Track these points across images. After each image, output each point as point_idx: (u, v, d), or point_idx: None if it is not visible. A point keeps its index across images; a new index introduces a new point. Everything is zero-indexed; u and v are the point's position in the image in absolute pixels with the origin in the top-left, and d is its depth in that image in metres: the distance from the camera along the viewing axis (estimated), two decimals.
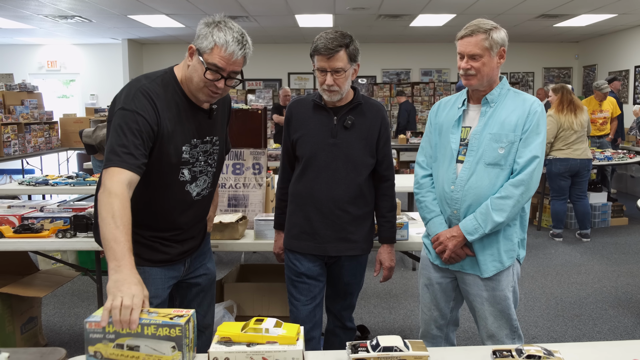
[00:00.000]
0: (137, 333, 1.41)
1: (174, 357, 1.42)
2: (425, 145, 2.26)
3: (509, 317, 2.12)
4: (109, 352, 1.43)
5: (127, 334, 1.42)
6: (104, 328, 1.41)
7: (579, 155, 5.51)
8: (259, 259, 5.22)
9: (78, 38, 11.04)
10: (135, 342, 1.42)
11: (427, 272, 2.26)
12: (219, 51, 1.71)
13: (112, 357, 1.43)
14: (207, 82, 1.75)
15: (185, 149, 1.85)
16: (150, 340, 1.42)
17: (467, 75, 2.04)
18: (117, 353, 1.43)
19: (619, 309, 3.99)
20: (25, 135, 7.06)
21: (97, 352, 1.43)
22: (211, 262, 2.19)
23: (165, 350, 1.42)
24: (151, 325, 1.41)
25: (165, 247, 1.95)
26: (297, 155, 2.28)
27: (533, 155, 2.00)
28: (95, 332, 1.43)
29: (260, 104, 3.70)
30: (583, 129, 5.53)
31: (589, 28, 9.71)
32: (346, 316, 2.47)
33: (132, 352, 1.42)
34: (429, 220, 2.19)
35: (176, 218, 1.93)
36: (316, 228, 2.24)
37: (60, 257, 4.43)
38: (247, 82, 11.77)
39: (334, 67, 2.10)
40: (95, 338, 1.43)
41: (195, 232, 2.05)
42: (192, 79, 1.78)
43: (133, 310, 1.40)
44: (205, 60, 1.72)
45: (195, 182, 1.92)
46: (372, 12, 8.25)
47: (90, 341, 1.43)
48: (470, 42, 2.01)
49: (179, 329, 1.41)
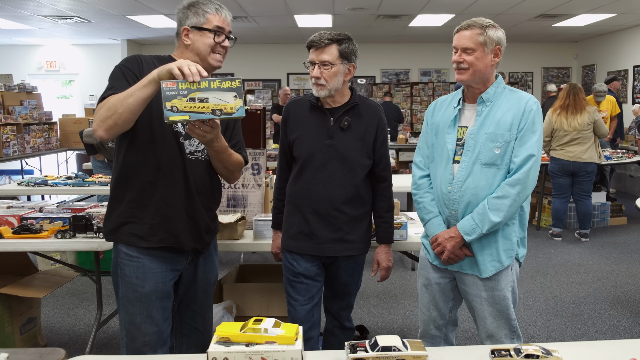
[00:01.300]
0: (205, 88, 1.66)
1: (236, 104, 1.68)
2: (422, 146, 2.26)
3: (508, 317, 2.12)
4: (184, 105, 1.66)
5: (197, 89, 1.66)
6: (178, 86, 1.65)
7: (571, 157, 5.49)
8: (258, 259, 5.23)
9: (77, 38, 11.04)
10: (204, 95, 1.66)
11: (425, 273, 2.26)
12: (215, 17, 1.96)
13: (187, 109, 1.66)
14: (214, 45, 1.96)
15: None
16: (216, 92, 1.67)
17: (460, 69, 2.04)
18: (191, 105, 1.66)
19: (618, 308, 4.00)
20: (24, 135, 7.06)
21: (173, 106, 1.65)
22: (215, 265, 2.18)
23: (229, 99, 1.68)
24: (216, 80, 1.67)
25: (167, 223, 1.93)
26: (294, 155, 2.29)
27: (529, 154, 1.99)
28: (170, 90, 1.66)
29: (260, 105, 3.71)
30: (577, 130, 5.44)
31: (588, 28, 9.71)
32: (344, 316, 2.47)
33: (202, 104, 1.66)
34: (427, 221, 2.19)
35: (174, 173, 1.92)
36: (313, 229, 2.25)
37: (59, 258, 4.43)
38: (246, 83, 11.78)
39: (321, 59, 2.14)
40: (171, 95, 1.65)
41: (197, 208, 1.99)
42: (199, 51, 1.96)
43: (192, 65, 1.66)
44: (209, 28, 1.95)
45: (189, 140, 1.97)
46: (371, 13, 8.26)
47: (167, 98, 1.65)
48: (465, 35, 2.02)
49: (239, 80, 1.68)
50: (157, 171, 1.91)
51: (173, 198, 1.94)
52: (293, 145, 2.27)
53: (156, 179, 1.91)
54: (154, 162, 1.91)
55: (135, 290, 1.95)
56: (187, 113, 1.66)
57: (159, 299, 1.96)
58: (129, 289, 1.96)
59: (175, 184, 1.93)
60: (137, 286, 1.95)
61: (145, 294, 1.94)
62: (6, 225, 2.75)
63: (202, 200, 2.02)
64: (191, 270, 2.09)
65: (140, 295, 1.94)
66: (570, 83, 5.69)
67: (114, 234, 1.97)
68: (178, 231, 1.96)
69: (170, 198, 1.93)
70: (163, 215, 1.93)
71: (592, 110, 5.52)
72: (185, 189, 1.95)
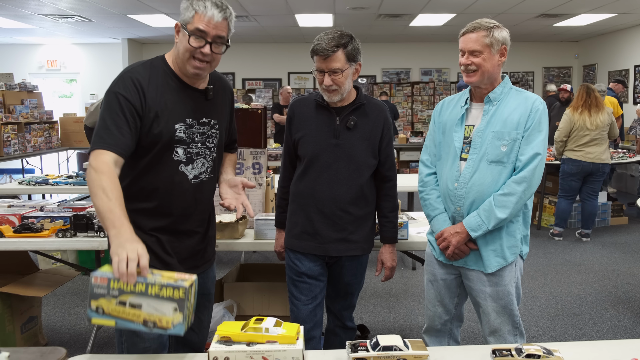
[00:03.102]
0: (140, 292, 1.41)
1: (174, 318, 1.41)
2: (429, 144, 2.28)
3: (512, 313, 2.14)
4: (111, 308, 1.42)
5: (130, 292, 1.41)
6: (109, 284, 1.41)
7: (592, 159, 5.44)
8: (259, 258, 5.23)
9: (78, 37, 11.04)
10: (138, 301, 1.41)
11: (431, 269, 2.28)
12: (200, 17, 1.74)
13: (114, 314, 1.42)
14: (193, 50, 1.76)
15: (179, 127, 1.83)
16: (153, 300, 1.41)
17: (468, 71, 2.07)
18: (119, 310, 1.42)
19: (619, 308, 4.00)
20: (25, 134, 7.06)
21: (99, 307, 1.42)
22: (212, 267, 2.17)
23: (167, 311, 1.41)
24: (155, 285, 1.41)
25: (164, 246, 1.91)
26: (299, 154, 2.28)
27: (535, 153, 2.02)
28: (99, 287, 1.42)
29: (260, 104, 3.71)
30: (599, 129, 5.41)
31: (589, 27, 9.71)
32: (346, 316, 2.47)
33: (133, 310, 1.42)
34: (433, 217, 2.22)
35: (173, 201, 1.87)
36: (317, 228, 2.24)
37: (60, 257, 4.43)
38: (247, 82, 11.78)
39: (331, 68, 2.11)
40: (99, 293, 1.42)
41: (196, 224, 1.97)
42: (179, 53, 1.80)
43: (140, 261, 1.43)
44: (188, 30, 1.76)
45: (191, 164, 1.88)
46: (372, 12, 8.25)
47: (94, 296, 1.43)
48: (472, 38, 2.04)
49: (183, 290, 1.41)
50: (158, 192, 1.87)
51: (171, 212, 1.90)
52: (298, 144, 2.26)
53: (158, 200, 1.87)
54: (156, 183, 1.85)
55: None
56: (113, 318, 1.43)
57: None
58: None
59: (177, 202, 1.89)
60: None
61: None
62: (7, 224, 2.75)
63: (202, 216, 1.99)
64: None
65: None
66: (583, 84, 5.67)
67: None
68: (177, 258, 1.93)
69: (169, 212, 1.89)
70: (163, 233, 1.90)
71: (610, 111, 5.56)
72: (186, 207, 1.91)
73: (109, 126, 1.71)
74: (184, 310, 1.42)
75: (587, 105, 5.45)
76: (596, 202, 5.79)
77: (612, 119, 5.52)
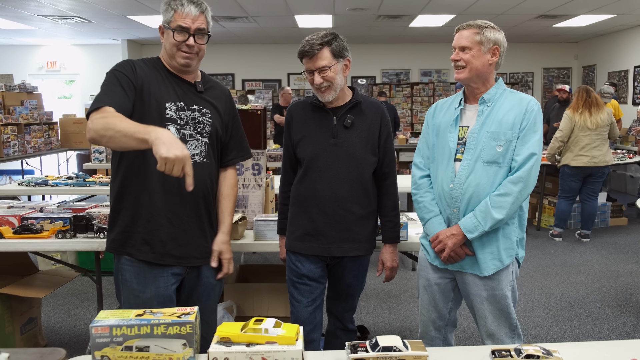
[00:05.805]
0: (146, 334, 1.41)
1: (184, 354, 1.42)
2: (422, 147, 2.28)
3: (509, 316, 2.13)
4: (117, 355, 1.41)
5: (135, 336, 1.41)
6: (111, 331, 1.40)
7: (597, 162, 5.45)
8: (258, 259, 5.22)
9: (78, 39, 11.04)
10: (144, 343, 1.41)
11: (425, 273, 2.26)
12: (179, 15, 1.92)
13: None
14: (178, 44, 1.94)
15: (169, 105, 1.95)
16: (160, 340, 1.41)
17: (457, 67, 2.09)
18: (126, 355, 1.41)
19: (618, 308, 4.00)
20: (24, 135, 7.06)
21: (104, 356, 1.41)
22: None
23: (176, 348, 1.42)
24: (161, 325, 1.41)
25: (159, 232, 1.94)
26: (299, 157, 2.28)
27: (531, 153, 2.02)
28: (101, 337, 1.41)
29: (260, 105, 3.71)
30: (599, 128, 5.41)
31: (589, 28, 9.71)
32: (347, 318, 2.47)
33: (141, 353, 1.41)
34: (427, 220, 2.19)
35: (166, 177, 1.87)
36: (320, 229, 2.24)
37: (60, 258, 4.43)
38: (246, 83, 11.78)
39: (318, 66, 2.14)
40: (102, 342, 1.41)
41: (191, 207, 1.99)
42: (167, 50, 1.98)
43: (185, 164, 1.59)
44: (171, 27, 1.94)
45: (185, 144, 1.91)
46: (372, 13, 8.26)
47: (97, 346, 1.41)
48: (463, 34, 2.08)
49: (190, 326, 1.42)
50: (149, 179, 1.91)
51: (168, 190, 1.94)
52: (297, 147, 2.27)
53: (154, 176, 1.90)
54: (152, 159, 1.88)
55: (136, 295, 1.95)
56: None
57: (160, 304, 1.94)
58: (131, 294, 1.96)
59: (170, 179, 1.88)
60: (138, 291, 1.95)
61: (146, 300, 1.94)
62: (7, 225, 2.75)
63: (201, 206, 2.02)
64: (194, 275, 2.08)
65: (142, 300, 1.94)
66: (582, 86, 5.69)
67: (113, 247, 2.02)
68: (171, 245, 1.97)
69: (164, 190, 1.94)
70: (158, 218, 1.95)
71: (610, 111, 5.58)
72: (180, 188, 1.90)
73: (105, 92, 1.85)
74: (193, 345, 1.43)
75: (588, 105, 5.47)
76: (596, 203, 5.80)
77: (612, 119, 5.53)
